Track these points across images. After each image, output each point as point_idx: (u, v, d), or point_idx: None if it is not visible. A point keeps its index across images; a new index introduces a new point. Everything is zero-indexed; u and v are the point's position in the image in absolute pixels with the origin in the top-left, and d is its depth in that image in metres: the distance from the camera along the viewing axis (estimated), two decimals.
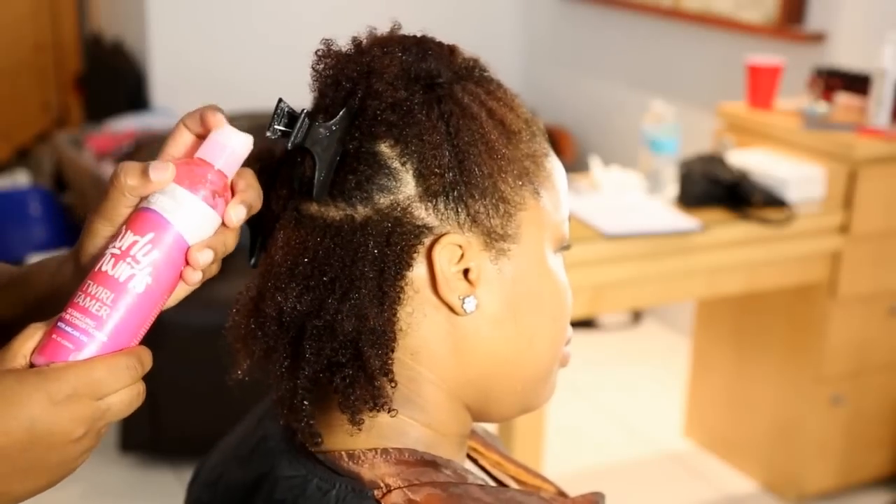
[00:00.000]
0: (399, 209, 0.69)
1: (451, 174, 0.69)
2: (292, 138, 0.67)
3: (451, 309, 0.70)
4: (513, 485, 0.85)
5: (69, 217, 3.96)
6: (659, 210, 2.46)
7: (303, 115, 0.67)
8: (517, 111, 0.74)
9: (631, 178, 2.62)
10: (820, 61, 3.08)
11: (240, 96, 3.85)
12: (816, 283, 2.66)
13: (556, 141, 4.00)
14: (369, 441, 0.72)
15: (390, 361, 0.69)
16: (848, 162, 2.58)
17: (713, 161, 2.56)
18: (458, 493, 0.69)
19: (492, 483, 0.80)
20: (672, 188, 2.55)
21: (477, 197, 0.70)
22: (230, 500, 0.76)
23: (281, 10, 4.08)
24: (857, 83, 2.80)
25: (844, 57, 3.07)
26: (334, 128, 0.68)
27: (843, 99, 2.86)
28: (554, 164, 0.76)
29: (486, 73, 0.74)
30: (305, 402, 0.71)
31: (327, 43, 0.72)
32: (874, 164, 2.60)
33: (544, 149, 0.75)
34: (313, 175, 0.68)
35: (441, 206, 0.69)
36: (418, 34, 0.74)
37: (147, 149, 3.14)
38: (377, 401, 0.70)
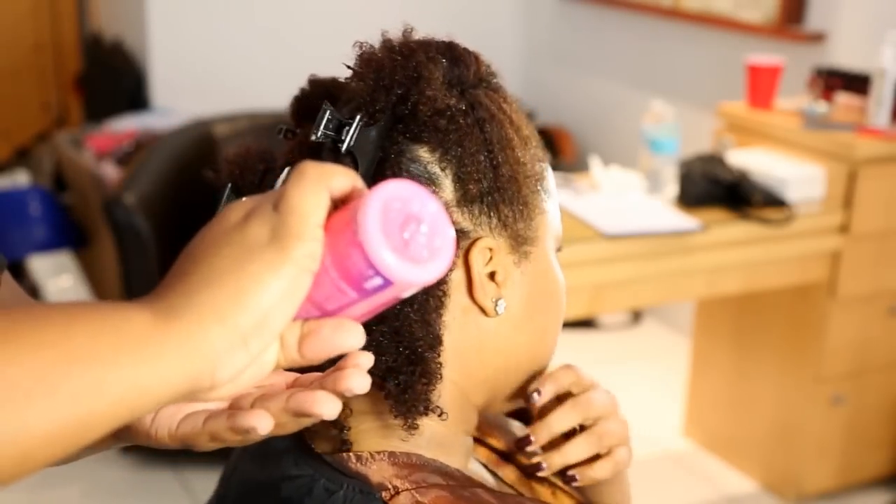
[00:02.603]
0: None
1: (486, 180, 0.71)
2: (346, 143, 0.67)
3: (483, 311, 0.72)
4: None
5: (69, 217, 3.96)
6: (659, 210, 2.46)
7: (357, 122, 0.67)
8: (525, 118, 0.76)
9: (631, 178, 2.62)
10: (820, 61, 3.08)
11: (240, 96, 3.86)
12: (816, 283, 2.66)
13: (556, 141, 4.00)
14: (378, 443, 0.72)
15: (441, 365, 0.71)
16: (848, 162, 2.58)
17: (713, 161, 2.56)
18: (466, 496, 0.69)
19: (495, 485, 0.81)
20: (672, 188, 2.55)
21: (506, 202, 0.72)
22: (241, 495, 0.77)
23: (281, 10, 4.08)
24: (857, 83, 2.80)
25: (844, 57, 3.07)
26: (376, 132, 0.69)
27: (843, 99, 2.86)
28: (550, 170, 0.79)
29: (498, 80, 0.76)
30: (350, 408, 0.71)
31: (365, 45, 0.72)
32: (874, 164, 2.60)
33: (545, 155, 0.78)
34: None
35: (476, 210, 0.71)
36: (445, 38, 0.74)
37: (147, 148, 3.14)
38: (428, 404, 0.70)
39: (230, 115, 3.33)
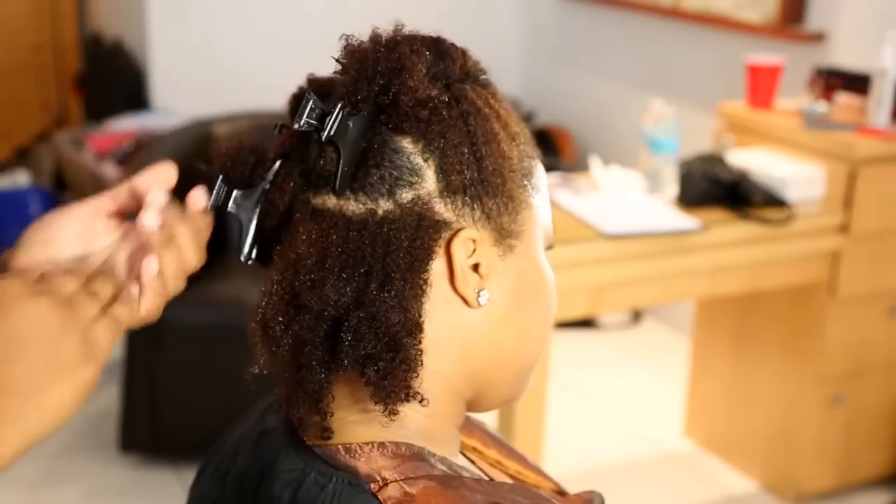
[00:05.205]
0: (420, 204, 0.71)
1: (469, 172, 0.72)
2: (326, 131, 0.69)
3: (465, 302, 0.73)
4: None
5: None
6: (659, 210, 2.46)
7: (338, 110, 0.69)
8: (513, 115, 0.77)
9: (631, 177, 2.62)
10: (820, 61, 3.08)
11: (240, 95, 3.86)
12: (816, 283, 2.66)
13: (556, 141, 4.00)
14: (367, 434, 0.73)
15: (421, 352, 0.71)
16: (848, 162, 2.58)
17: (713, 161, 2.56)
18: (454, 486, 0.70)
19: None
20: (672, 188, 2.55)
21: (490, 194, 0.72)
22: (239, 492, 0.77)
23: (281, 10, 4.08)
24: (857, 83, 2.80)
25: (844, 57, 3.07)
26: (359, 122, 0.70)
27: (843, 99, 2.86)
28: (541, 168, 0.80)
29: (487, 77, 0.77)
30: (332, 395, 0.72)
31: (352, 38, 0.74)
32: (874, 163, 2.60)
33: (535, 152, 0.79)
34: (336, 168, 0.69)
35: (458, 202, 0.72)
36: (433, 34, 0.76)
37: (147, 149, 3.14)
38: (408, 391, 0.71)
39: (230, 115, 3.33)
